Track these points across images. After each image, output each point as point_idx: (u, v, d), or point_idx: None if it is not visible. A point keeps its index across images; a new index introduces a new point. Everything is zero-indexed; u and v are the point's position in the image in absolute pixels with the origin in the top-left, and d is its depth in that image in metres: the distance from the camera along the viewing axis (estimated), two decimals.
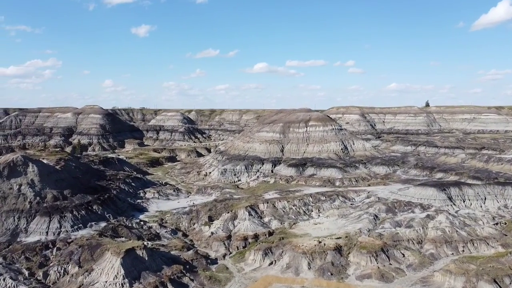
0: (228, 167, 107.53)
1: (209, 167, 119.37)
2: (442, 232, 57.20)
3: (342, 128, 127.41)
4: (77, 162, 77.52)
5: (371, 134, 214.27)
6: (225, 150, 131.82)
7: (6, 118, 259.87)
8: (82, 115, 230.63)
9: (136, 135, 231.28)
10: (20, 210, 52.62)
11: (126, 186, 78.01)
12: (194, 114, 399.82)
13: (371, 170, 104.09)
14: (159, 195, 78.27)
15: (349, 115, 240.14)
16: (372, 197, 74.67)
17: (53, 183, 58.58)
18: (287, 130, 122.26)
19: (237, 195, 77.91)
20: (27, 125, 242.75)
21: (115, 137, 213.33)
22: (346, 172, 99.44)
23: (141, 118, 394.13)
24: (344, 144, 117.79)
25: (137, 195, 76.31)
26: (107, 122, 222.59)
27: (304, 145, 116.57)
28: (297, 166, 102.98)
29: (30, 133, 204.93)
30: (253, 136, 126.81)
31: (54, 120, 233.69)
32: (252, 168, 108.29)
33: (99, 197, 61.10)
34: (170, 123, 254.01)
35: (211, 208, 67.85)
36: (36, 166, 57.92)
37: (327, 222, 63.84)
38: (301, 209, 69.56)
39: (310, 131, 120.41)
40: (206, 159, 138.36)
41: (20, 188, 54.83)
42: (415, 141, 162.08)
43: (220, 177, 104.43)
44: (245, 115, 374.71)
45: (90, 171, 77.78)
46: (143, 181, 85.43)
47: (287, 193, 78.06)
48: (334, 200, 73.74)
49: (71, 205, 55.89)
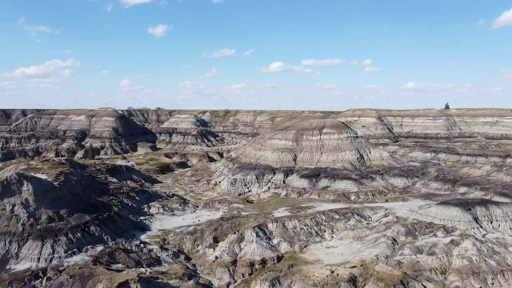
0: (238, 177, 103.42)
1: (219, 176, 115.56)
2: (469, 261, 51.83)
3: (358, 136, 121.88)
4: (79, 175, 74.51)
5: (388, 138, 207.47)
6: (236, 157, 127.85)
7: (22, 120, 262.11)
8: (96, 117, 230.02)
9: (149, 138, 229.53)
10: (12, 233, 49.58)
11: (130, 200, 74.67)
12: (209, 115, 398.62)
13: (388, 182, 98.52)
14: (164, 210, 74.66)
15: (365, 118, 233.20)
16: (390, 216, 69.44)
17: (49, 202, 55.42)
18: (300, 138, 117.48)
19: (246, 212, 73.70)
20: (42, 127, 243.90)
21: (127, 140, 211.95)
22: (362, 184, 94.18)
23: (156, 119, 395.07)
24: (360, 153, 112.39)
25: (141, 211, 72.84)
26: (120, 125, 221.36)
27: (317, 153, 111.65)
28: (310, 177, 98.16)
29: (44, 136, 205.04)
30: (265, 144, 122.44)
31: (68, 122, 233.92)
32: (263, 178, 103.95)
33: (98, 217, 57.72)
34: (183, 126, 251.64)
35: (217, 227, 63.81)
36: (31, 184, 54.86)
37: (341, 246, 59.04)
38: (313, 229, 64.90)
39: (324, 139, 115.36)
40: (217, 166, 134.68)
41: (13, 208, 51.83)
42: (435, 147, 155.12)
43: (230, 187, 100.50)
44: (260, 116, 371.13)
45: (92, 185, 74.69)
46: (148, 194, 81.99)
47: (299, 210, 73.45)
48: (348, 219, 68.81)
49: (67, 226, 52.60)
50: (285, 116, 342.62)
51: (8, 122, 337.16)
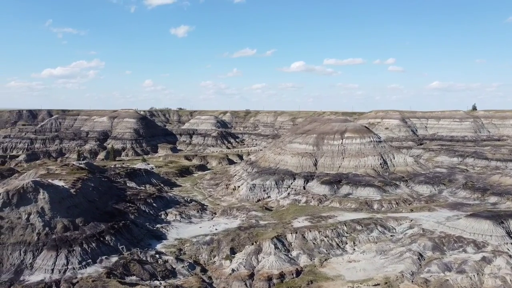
0: (257, 182, 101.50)
1: (238, 180, 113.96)
2: (502, 281, 48.30)
3: (381, 140, 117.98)
4: (97, 181, 74.08)
5: (412, 140, 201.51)
6: (256, 161, 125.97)
7: (47, 121, 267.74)
8: (117, 119, 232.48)
9: (169, 139, 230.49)
10: (27, 242, 49.13)
11: (147, 207, 73.79)
12: (229, 116, 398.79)
13: (413, 189, 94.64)
14: (181, 217, 73.42)
15: (388, 120, 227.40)
16: (415, 228, 66.09)
17: (65, 210, 54.87)
18: (321, 142, 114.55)
19: (264, 220, 71.70)
20: (66, 128, 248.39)
21: (148, 142, 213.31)
22: (385, 192, 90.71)
23: (177, 120, 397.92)
24: (383, 158, 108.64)
25: (158, 218, 71.82)
26: (141, 126, 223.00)
27: (339, 159, 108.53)
28: (331, 184, 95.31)
29: (67, 137, 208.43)
30: (284, 148, 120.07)
31: (91, 124, 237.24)
32: (282, 183, 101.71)
33: (113, 226, 56.85)
34: (204, 127, 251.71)
35: (234, 237, 62.05)
36: (47, 192, 54.41)
37: (363, 261, 56.30)
38: (334, 241, 62.32)
39: (346, 143, 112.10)
40: (236, 169, 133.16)
41: (29, 217, 51.43)
42: (462, 152, 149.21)
43: (249, 193, 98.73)
44: (280, 117, 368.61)
45: (109, 191, 74.15)
46: (165, 200, 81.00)
47: (319, 219, 70.88)
48: (371, 230, 65.85)
49: (82, 236, 51.87)
50: (306, 116, 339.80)
51: (35, 122, 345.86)
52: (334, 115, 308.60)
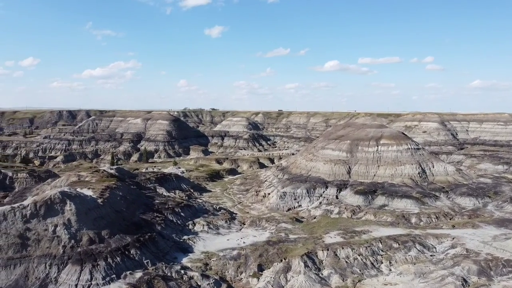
0: (288, 190, 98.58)
1: (269, 186, 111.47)
2: None
3: (419, 147, 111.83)
4: (125, 189, 73.61)
5: (452, 145, 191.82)
6: (287, 167, 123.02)
7: (85, 122, 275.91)
8: (151, 120, 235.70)
9: (201, 141, 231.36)
10: (52, 255, 48.75)
11: (175, 216, 72.59)
12: (261, 117, 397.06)
13: (454, 202, 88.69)
14: (208, 228, 71.74)
15: (426, 123, 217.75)
16: (458, 248, 61.14)
17: (91, 222, 54.30)
18: (355, 149, 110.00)
19: (294, 234, 68.72)
20: (102, 129, 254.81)
21: (180, 144, 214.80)
22: (424, 204, 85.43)
23: (210, 120, 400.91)
24: (421, 167, 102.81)
25: (185, 228, 70.44)
26: (174, 128, 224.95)
27: (374, 167, 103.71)
28: (366, 194, 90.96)
29: (103, 139, 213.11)
30: (317, 154, 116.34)
31: (125, 125, 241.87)
32: (314, 192, 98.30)
33: (139, 238, 55.77)
34: (235, 129, 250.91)
35: (262, 253, 59.54)
36: (74, 203, 54.00)
37: (400, 284, 52.21)
38: (368, 259, 58.53)
39: (382, 150, 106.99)
40: (267, 174, 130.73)
41: (55, 229, 51.12)
42: (508, 159, 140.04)
43: (279, 201, 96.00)
44: (313, 118, 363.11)
45: (137, 200, 73.51)
46: (194, 209, 79.63)
47: (352, 234, 67.14)
48: (409, 249, 61.48)
49: (107, 250, 51.02)
50: (339, 118, 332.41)
51: (74, 123, 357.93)
52: (369, 117, 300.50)
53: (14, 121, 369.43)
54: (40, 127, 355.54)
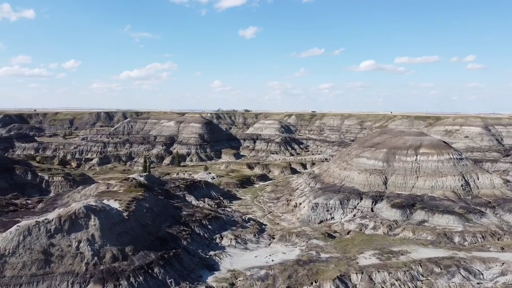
0: (320, 201, 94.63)
1: (300, 195, 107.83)
2: None
3: (462, 157, 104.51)
4: (152, 200, 72.33)
5: (497, 151, 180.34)
6: (319, 175, 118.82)
7: (120, 124, 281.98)
8: (184, 123, 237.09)
9: (233, 144, 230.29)
10: (75, 273, 47.70)
11: (202, 229, 70.54)
12: (294, 118, 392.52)
13: (503, 219, 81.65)
14: (236, 243, 69.20)
15: (468, 128, 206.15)
16: (509, 275, 55.33)
17: (115, 238, 53.02)
18: (391, 158, 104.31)
19: (325, 253, 64.85)
20: (137, 131, 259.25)
21: (212, 147, 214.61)
22: (468, 220, 79.09)
23: (243, 122, 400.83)
24: (465, 179, 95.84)
25: (212, 242, 68.22)
26: (206, 131, 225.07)
27: (412, 178, 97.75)
28: (403, 208, 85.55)
29: (137, 142, 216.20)
30: (351, 162, 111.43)
31: (159, 128, 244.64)
32: (348, 203, 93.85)
33: (164, 255, 53.95)
34: (267, 132, 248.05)
35: (291, 274, 56.22)
36: (98, 218, 52.90)
37: None
38: (406, 286, 53.91)
39: (421, 160, 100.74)
40: (299, 182, 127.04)
41: (79, 245, 50.13)
42: None
43: (310, 212, 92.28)
44: (347, 120, 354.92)
45: (164, 211, 72.03)
46: (222, 221, 77.36)
47: (389, 255, 62.52)
48: (453, 275, 56.25)
49: (129, 268, 49.47)
50: (375, 120, 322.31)
51: (111, 124, 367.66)
52: (406, 119, 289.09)
53: (56, 122, 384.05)
54: (79, 128, 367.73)
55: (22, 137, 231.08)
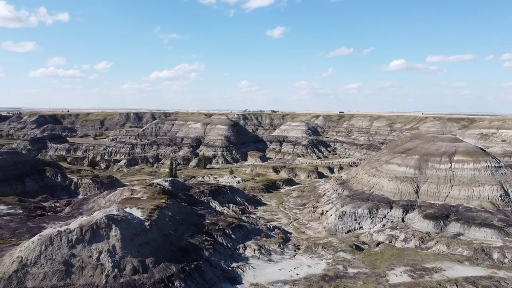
0: (348, 210, 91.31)
1: (327, 203, 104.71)
2: None
3: (501, 165, 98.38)
4: (175, 207, 71.31)
5: None
6: (347, 181, 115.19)
7: (148, 125, 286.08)
8: (210, 125, 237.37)
9: (259, 146, 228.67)
10: (95, 285, 47.01)
11: (225, 239, 68.95)
12: (322, 120, 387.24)
13: None
14: (260, 253, 67.16)
15: (506, 131, 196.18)
16: None
17: (136, 249, 52.07)
18: (424, 165, 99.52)
19: (353, 268, 61.81)
20: (165, 132, 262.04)
21: (238, 149, 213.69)
22: (508, 235, 73.89)
23: (269, 123, 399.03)
24: (504, 189, 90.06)
25: (235, 252, 66.48)
26: (232, 133, 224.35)
27: (446, 186, 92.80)
28: (436, 219, 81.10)
29: (164, 143, 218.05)
30: (380, 168, 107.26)
31: (186, 129, 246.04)
32: (377, 212, 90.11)
33: (184, 268, 52.55)
34: (294, 134, 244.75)
35: None
36: (119, 229, 52.11)
37: None
38: None
39: (456, 168, 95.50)
40: (326, 187, 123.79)
41: (99, 256, 49.46)
42: None
43: (338, 221, 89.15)
44: (376, 121, 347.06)
45: (187, 220, 70.89)
46: (245, 230, 75.52)
47: (421, 273, 58.82)
48: None
49: (150, 281, 48.37)
50: (405, 122, 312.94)
51: (140, 125, 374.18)
52: (438, 121, 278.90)
53: (87, 122, 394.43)
54: (109, 128, 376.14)
55: (55, 138, 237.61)
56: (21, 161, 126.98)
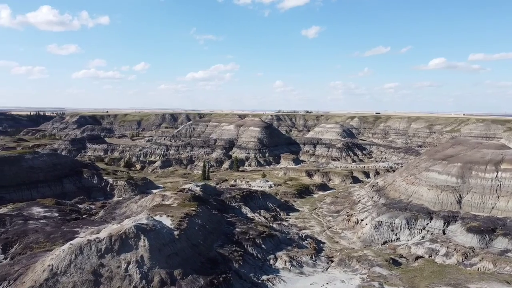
0: (384, 220, 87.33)
1: (362, 211, 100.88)
2: None
3: None
4: (205, 215, 70.37)
5: None
6: (383, 188, 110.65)
7: (183, 127, 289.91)
8: (243, 127, 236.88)
9: (292, 148, 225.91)
10: None
11: (255, 249, 67.25)
12: (357, 121, 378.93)
13: None
14: (291, 265, 64.98)
15: None
16: None
17: (164, 260, 51.35)
18: (467, 174, 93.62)
19: (390, 285, 58.36)
20: (199, 133, 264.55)
21: (271, 152, 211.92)
22: None
23: (303, 124, 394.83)
24: None
25: (265, 264, 64.66)
26: (265, 135, 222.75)
27: (492, 197, 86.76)
28: (481, 233, 75.75)
29: (197, 145, 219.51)
30: (419, 176, 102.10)
31: (219, 131, 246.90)
32: (415, 223, 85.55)
33: (213, 281, 51.30)
34: (328, 136, 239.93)
35: None
36: (148, 239, 51.59)
37: None
38: None
39: (503, 177, 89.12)
40: (361, 194, 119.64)
41: (127, 267, 49.07)
42: None
43: (373, 232, 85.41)
44: (414, 123, 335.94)
45: (217, 228, 69.77)
46: (276, 239, 73.48)
47: None
48: None
49: None
50: (445, 123, 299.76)
51: (175, 125, 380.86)
52: (482, 123, 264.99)
53: (125, 123, 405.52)
54: (146, 129, 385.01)
55: (93, 138, 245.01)
56: (60, 162, 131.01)
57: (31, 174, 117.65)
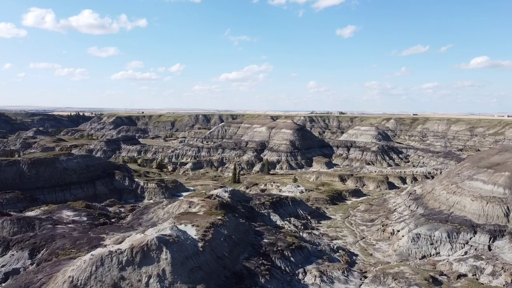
0: (422, 232, 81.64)
1: (398, 221, 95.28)
2: None
3: None
4: (232, 224, 67.78)
5: None
6: (421, 197, 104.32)
7: (215, 128, 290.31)
8: (275, 129, 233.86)
9: (325, 151, 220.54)
10: None
11: (283, 262, 63.93)
12: (393, 123, 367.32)
13: None
14: (321, 281, 61.24)
15: None
16: None
17: (186, 274, 49.09)
18: None
19: None
20: (230, 135, 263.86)
21: (303, 154, 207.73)
22: None
23: (337, 125, 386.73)
24: None
25: (294, 279, 61.21)
26: (297, 138, 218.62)
27: None
28: None
29: (229, 147, 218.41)
30: (461, 185, 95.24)
31: (251, 133, 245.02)
32: (457, 237, 79.31)
33: None
34: (362, 139, 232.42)
35: None
36: (170, 252, 49.53)
37: None
38: None
39: None
40: (397, 202, 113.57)
41: (148, 281, 47.17)
42: None
43: (411, 245, 79.92)
44: (454, 125, 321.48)
45: (244, 239, 66.95)
46: (306, 251, 69.78)
47: None
48: None
49: None
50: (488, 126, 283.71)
51: (208, 126, 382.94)
52: None
53: (159, 124, 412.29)
54: (179, 129, 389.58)
55: (128, 139, 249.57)
56: (93, 164, 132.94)
57: (65, 175, 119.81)
